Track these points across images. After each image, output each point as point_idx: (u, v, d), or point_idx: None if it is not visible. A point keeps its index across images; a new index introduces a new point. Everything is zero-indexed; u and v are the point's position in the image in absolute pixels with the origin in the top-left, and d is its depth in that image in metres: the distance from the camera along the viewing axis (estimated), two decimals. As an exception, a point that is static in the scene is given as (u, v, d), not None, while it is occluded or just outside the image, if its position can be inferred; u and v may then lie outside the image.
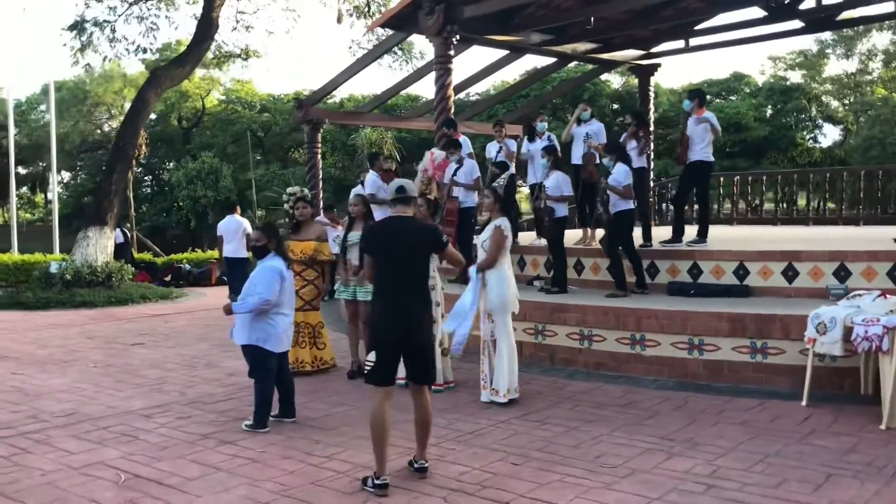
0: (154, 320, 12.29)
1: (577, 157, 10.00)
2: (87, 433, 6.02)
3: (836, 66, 41.80)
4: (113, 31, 18.07)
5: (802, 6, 13.11)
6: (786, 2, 12.98)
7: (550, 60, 16.42)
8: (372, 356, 4.90)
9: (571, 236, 10.21)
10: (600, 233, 9.88)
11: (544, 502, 4.50)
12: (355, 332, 7.98)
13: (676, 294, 8.48)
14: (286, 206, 8.24)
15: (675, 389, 7.13)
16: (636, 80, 17.07)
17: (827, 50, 41.36)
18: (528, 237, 11.33)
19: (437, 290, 7.39)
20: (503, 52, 15.58)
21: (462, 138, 10.87)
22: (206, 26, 16.51)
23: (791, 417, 6.14)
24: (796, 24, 13.86)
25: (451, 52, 12.91)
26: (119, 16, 17.84)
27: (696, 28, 15.08)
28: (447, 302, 7.56)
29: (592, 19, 13.08)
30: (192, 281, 17.36)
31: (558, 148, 9.95)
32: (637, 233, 9.27)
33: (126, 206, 23.28)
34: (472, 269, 6.88)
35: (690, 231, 9.58)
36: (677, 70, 75.08)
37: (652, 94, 16.17)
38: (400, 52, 18.29)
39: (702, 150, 8.99)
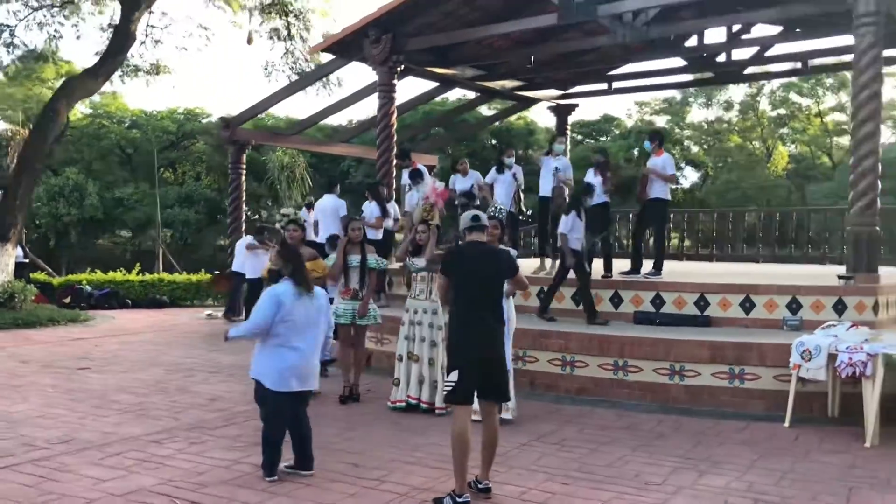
0: (80, 344, 11.60)
1: (543, 189, 10.42)
2: (103, 460, 5.72)
3: (697, 114, 44.85)
4: (12, 35, 17.05)
5: (719, 59, 14.24)
6: (704, 55, 14.04)
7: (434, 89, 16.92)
8: (453, 376, 4.98)
9: (529, 265, 10.58)
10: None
11: (619, 518, 4.74)
12: (348, 356, 7.95)
13: (642, 323, 8.98)
14: (277, 224, 8.14)
15: (661, 413, 7.57)
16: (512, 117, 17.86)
17: (690, 98, 44.36)
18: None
19: (440, 314, 7.52)
20: (433, 84, 15.95)
21: (422, 167, 11.10)
22: (123, 38, 15.87)
23: (783, 438, 6.68)
24: (709, 74, 15.03)
25: (395, 81, 13.16)
26: (20, 20, 16.85)
27: (613, 73, 16.02)
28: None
29: (532, 59, 13.66)
30: (94, 304, 16.45)
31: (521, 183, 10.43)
32: (598, 264, 9.77)
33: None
34: None
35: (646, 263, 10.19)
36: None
37: (568, 133, 16.92)
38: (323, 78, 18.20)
39: (660, 188, 9.62)
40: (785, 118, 43.46)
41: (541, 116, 48.58)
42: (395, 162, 12.61)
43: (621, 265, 10.19)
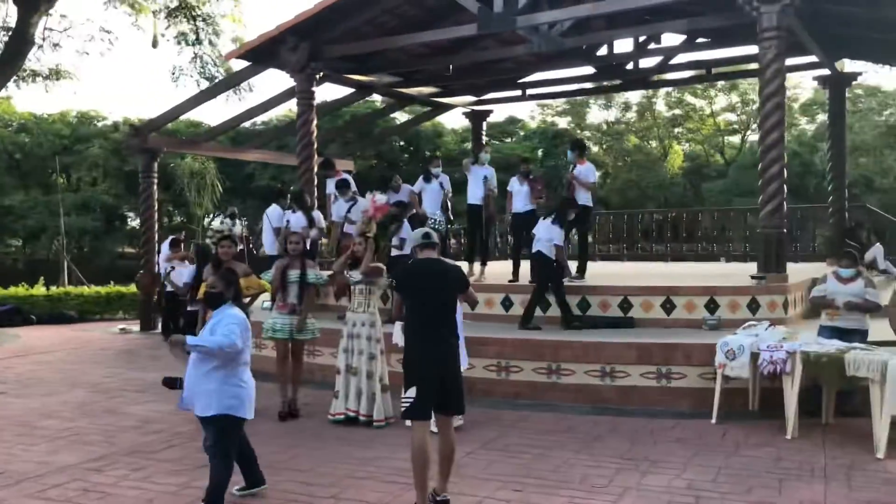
0: (-12, 366, 11.06)
1: (473, 197, 10.59)
2: (43, 492, 5.52)
3: (597, 115, 46.15)
4: None
5: (627, 66, 14.75)
6: (613, 63, 14.52)
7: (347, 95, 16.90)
8: (411, 392, 5.04)
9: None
10: (488, 269, 10.58)
11: (575, 522, 4.92)
12: (287, 372, 7.89)
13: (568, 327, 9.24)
14: (209, 241, 8.00)
15: (595, 413, 7.84)
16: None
17: (590, 100, 45.57)
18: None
19: (377, 327, 7.57)
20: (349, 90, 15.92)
21: (346, 176, 11.09)
22: (20, 42, 15.20)
23: (712, 434, 7.04)
24: (617, 81, 15.56)
25: (314, 89, 13.08)
26: None
27: (526, 80, 16.37)
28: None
29: (451, 66, 13.82)
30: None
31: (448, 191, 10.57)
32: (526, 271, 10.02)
33: None
34: None
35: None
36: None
37: (484, 138, 17.19)
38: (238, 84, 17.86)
39: (584, 196, 9.94)
40: (680, 118, 45.23)
41: (449, 119, 49.06)
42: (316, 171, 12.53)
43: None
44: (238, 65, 14.65)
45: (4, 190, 43.01)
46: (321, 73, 12.99)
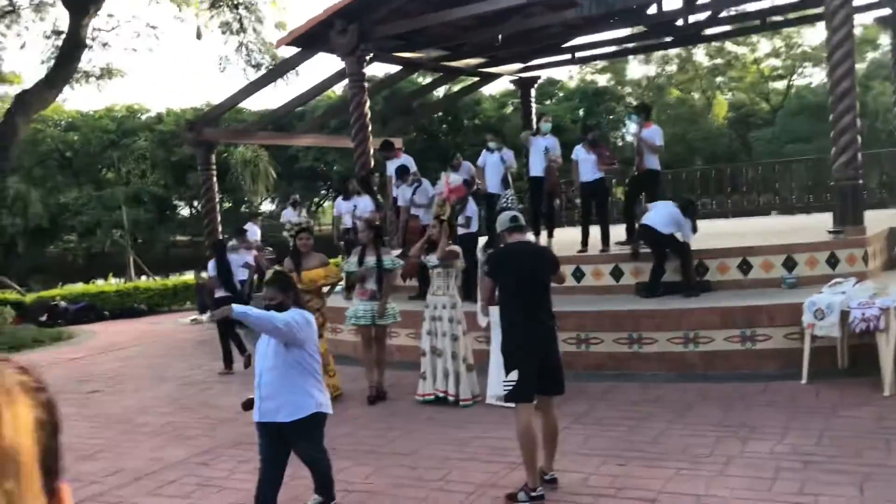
0: (76, 365, 11.43)
1: (535, 170, 10.54)
2: (162, 489, 5.74)
3: (637, 70, 45.38)
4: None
5: (678, 23, 14.46)
6: (663, 21, 14.24)
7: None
8: (513, 375, 5.11)
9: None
10: (555, 240, 10.56)
11: (687, 495, 4.94)
12: (371, 357, 8.02)
13: (640, 295, 9.19)
14: (286, 234, 8.12)
15: (680, 381, 7.83)
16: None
17: (629, 56, 44.77)
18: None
19: (458, 308, 7.64)
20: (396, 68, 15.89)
21: (406, 157, 11.12)
22: (73, 44, 15.45)
23: (805, 396, 6.99)
24: (667, 38, 15.27)
25: (365, 71, 13.08)
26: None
27: (574, 44, 16.16)
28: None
29: (500, 36, 13.70)
30: (71, 319, 16.13)
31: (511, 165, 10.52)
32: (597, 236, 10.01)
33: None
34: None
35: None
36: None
37: (533, 105, 17.05)
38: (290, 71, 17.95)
39: (652, 159, 9.84)
40: (721, 68, 44.29)
41: (486, 87, 48.68)
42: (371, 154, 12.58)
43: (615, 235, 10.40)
44: (285, 50, 14.69)
45: (59, 188, 44.02)
46: (371, 54, 12.97)
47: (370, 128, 13.07)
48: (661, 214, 8.96)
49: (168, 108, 45.62)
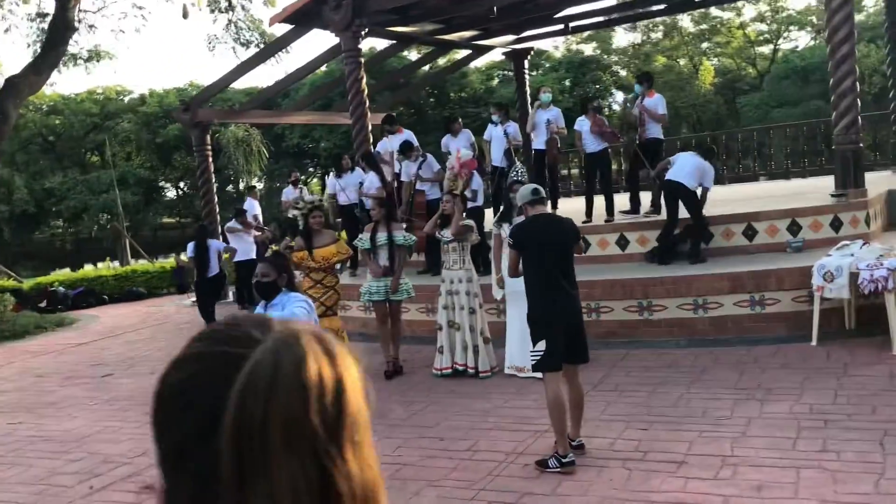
0: (85, 349, 11.45)
1: (538, 142, 10.58)
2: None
3: (623, 39, 45.30)
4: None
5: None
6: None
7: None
8: (540, 346, 5.19)
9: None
10: (559, 211, 10.59)
11: (713, 456, 5.07)
12: (387, 332, 8.09)
13: (652, 261, 9.31)
14: (296, 213, 8.13)
15: (690, 347, 7.96)
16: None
17: (621, 24, 44.64)
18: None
19: (475, 282, 7.71)
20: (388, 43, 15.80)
21: (408, 133, 11.13)
22: (62, 28, 15.28)
23: (816, 357, 7.13)
24: (661, 6, 15.27)
25: (360, 46, 13.01)
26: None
27: (566, 14, 16.10)
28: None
29: (495, 8, 13.64)
30: (71, 304, 16.10)
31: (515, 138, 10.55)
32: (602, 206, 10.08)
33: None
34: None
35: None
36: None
37: (527, 77, 17.03)
38: (263, 42, 17.80)
39: (655, 128, 9.90)
40: (707, 33, 44.26)
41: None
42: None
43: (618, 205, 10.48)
44: (277, 28, 14.58)
45: (43, 173, 43.67)
46: (366, 30, 12.89)
47: (367, 104, 13.02)
48: (687, 167, 8.97)
49: (151, 89, 45.24)
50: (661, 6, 15.32)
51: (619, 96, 46.53)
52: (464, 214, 7.75)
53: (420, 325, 9.57)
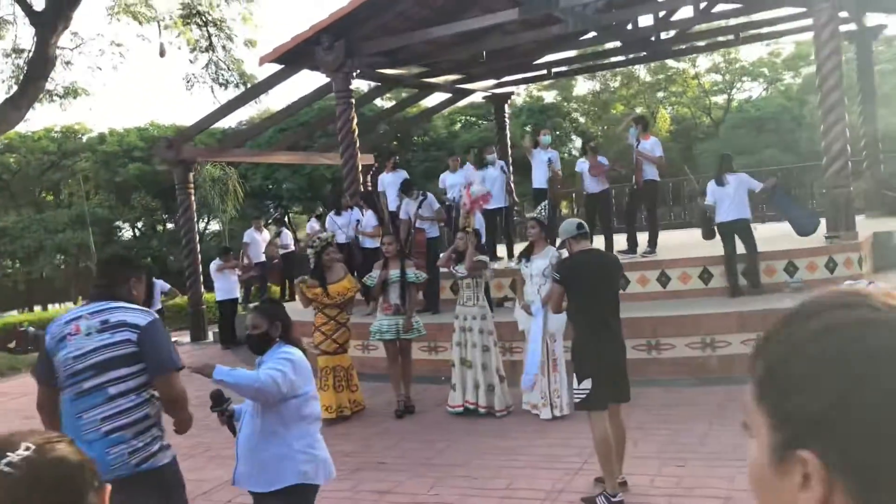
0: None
1: (538, 181, 10.72)
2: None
3: (583, 87, 46.30)
4: None
5: (651, 38, 14.88)
6: (638, 37, 14.64)
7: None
8: (586, 384, 5.17)
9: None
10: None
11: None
12: (398, 371, 8.01)
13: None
14: (309, 252, 8.07)
15: (698, 385, 8.03)
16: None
17: (603, 70, 45.67)
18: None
19: (489, 319, 7.70)
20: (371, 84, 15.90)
21: (402, 172, 11.24)
22: (41, 63, 15.07)
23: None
24: (642, 53, 15.69)
25: (352, 87, 13.11)
26: None
27: (548, 60, 16.45)
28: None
29: (484, 53, 13.87)
30: (41, 345, 15.56)
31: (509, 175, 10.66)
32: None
33: None
34: (536, 303, 7.30)
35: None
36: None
37: (507, 120, 17.28)
38: (241, 84, 17.77)
39: (651, 170, 10.09)
40: (663, 82, 45.50)
41: (432, 101, 49.01)
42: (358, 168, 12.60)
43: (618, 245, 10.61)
44: (262, 68, 14.58)
45: (-8, 214, 42.66)
46: (357, 71, 12.99)
47: (357, 144, 13.07)
48: (740, 195, 9.09)
49: (111, 128, 44.78)
50: (642, 53, 15.73)
51: (578, 142, 47.41)
52: (476, 251, 7.75)
53: (423, 365, 9.48)
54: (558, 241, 5.67)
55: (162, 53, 18.34)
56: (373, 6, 12.30)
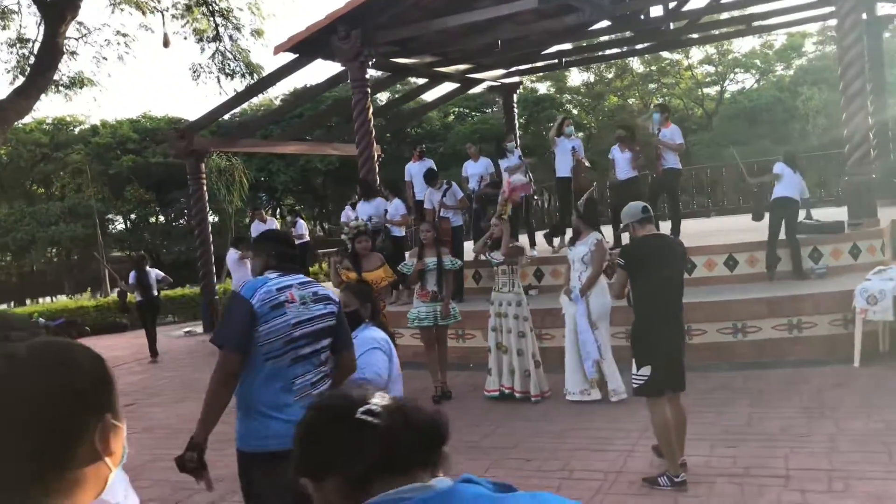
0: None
1: (563, 170, 10.76)
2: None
3: (577, 78, 46.37)
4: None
5: (662, 28, 14.93)
6: (649, 28, 14.70)
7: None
8: (645, 371, 5.18)
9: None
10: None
11: (817, 470, 5.15)
12: (435, 357, 8.04)
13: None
14: (343, 237, 8.09)
15: (731, 370, 8.10)
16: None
17: (613, 60, 45.65)
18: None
19: (524, 305, 7.75)
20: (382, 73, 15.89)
21: (429, 161, 11.23)
22: (50, 53, 14.94)
23: (867, 377, 7.34)
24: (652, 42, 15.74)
25: (368, 76, 13.09)
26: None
27: (556, 50, 16.48)
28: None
29: (500, 42, 13.88)
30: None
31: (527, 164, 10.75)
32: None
33: None
34: (576, 290, 7.37)
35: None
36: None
37: (515, 111, 17.30)
38: (248, 74, 17.66)
39: (672, 158, 10.16)
40: (655, 74, 45.59)
41: (428, 95, 48.85)
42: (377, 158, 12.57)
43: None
44: (258, 57, 14.56)
45: (-18, 205, 42.30)
46: (373, 60, 12.98)
47: (374, 133, 13.07)
48: (800, 181, 9.28)
49: (103, 119, 44.46)
50: (646, 45, 15.78)
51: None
52: (512, 238, 7.79)
53: (452, 352, 9.50)
54: (621, 225, 5.63)
55: (166, 44, 18.19)
56: (388, -4, 12.30)
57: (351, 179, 41.54)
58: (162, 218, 47.00)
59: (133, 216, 46.08)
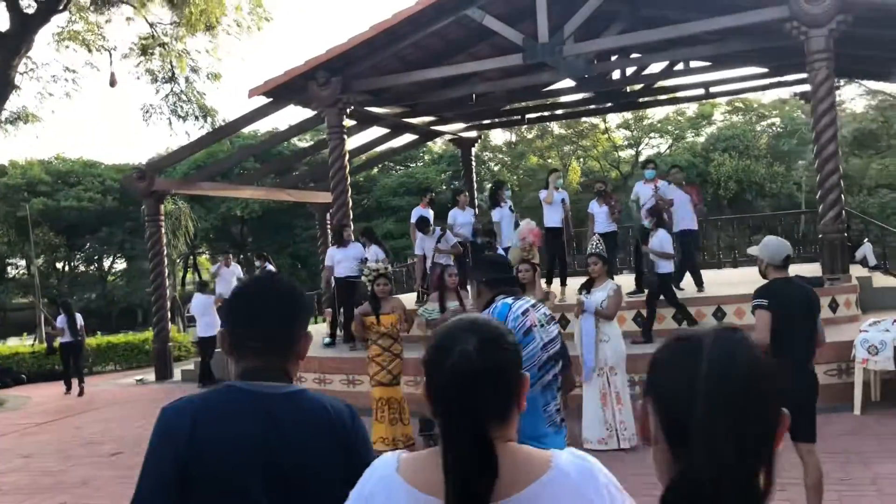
0: (50, 429, 10.34)
1: (552, 221, 10.92)
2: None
3: (499, 137, 47.55)
4: None
5: (622, 89, 15.57)
6: (606, 90, 15.29)
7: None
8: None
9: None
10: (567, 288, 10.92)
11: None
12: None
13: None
14: (364, 279, 7.96)
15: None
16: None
17: (575, 118, 46.68)
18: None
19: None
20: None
21: (424, 213, 11.28)
22: (2, 86, 14.34)
23: (871, 425, 7.65)
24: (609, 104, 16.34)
25: (345, 123, 13.10)
26: None
27: (523, 105, 16.88)
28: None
29: (474, 95, 14.12)
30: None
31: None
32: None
33: None
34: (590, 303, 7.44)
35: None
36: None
37: (473, 164, 17.55)
38: (201, 117, 17.33)
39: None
40: (574, 137, 47.18)
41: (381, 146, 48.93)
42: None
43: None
44: (213, 100, 14.36)
45: None
46: (351, 107, 13.00)
47: (349, 179, 13.01)
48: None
49: (12, 159, 42.59)
50: (608, 104, 16.39)
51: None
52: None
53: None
54: (762, 265, 5.14)
55: (112, 83, 17.74)
56: (370, 45, 12.41)
57: (274, 227, 41.02)
58: (71, 264, 45.15)
59: (40, 261, 43.96)
